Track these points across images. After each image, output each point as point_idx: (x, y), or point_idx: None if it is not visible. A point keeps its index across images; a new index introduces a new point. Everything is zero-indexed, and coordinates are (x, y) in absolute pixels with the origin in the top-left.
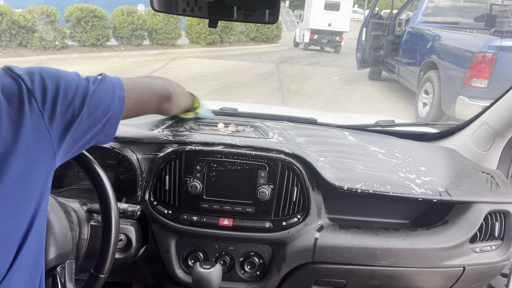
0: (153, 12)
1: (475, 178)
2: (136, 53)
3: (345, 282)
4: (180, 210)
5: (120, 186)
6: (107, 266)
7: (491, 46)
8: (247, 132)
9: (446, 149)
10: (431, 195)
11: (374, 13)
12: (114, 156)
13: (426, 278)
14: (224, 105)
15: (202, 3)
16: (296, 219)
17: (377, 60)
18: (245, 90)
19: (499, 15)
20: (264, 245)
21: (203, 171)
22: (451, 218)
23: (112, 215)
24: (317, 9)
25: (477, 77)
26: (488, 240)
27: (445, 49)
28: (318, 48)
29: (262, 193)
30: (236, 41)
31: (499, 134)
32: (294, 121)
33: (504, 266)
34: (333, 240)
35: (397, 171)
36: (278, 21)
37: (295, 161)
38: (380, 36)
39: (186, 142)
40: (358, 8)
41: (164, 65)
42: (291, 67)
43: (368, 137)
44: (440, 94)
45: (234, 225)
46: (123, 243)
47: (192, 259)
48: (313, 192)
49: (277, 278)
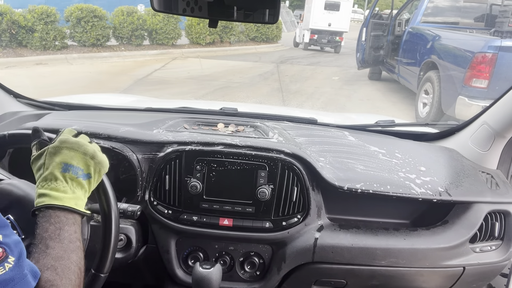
0: (153, 12)
1: (475, 178)
2: (136, 53)
3: (345, 282)
4: (180, 210)
5: (120, 186)
6: (107, 266)
7: (491, 46)
8: (247, 132)
9: (446, 149)
10: (431, 195)
11: (374, 13)
12: (114, 156)
13: (426, 278)
14: (224, 105)
15: (202, 3)
16: (296, 219)
17: (377, 60)
18: (245, 90)
19: (499, 15)
20: (264, 245)
21: (203, 171)
22: (451, 218)
23: (112, 215)
24: (317, 9)
25: (477, 77)
26: (488, 240)
27: (445, 49)
28: (318, 48)
29: (262, 193)
30: (236, 41)
31: (499, 134)
32: (294, 121)
33: (504, 266)
34: (333, 240)
35: (397, 171)
36: (278, 21)
37: (295, 161)
38: (380, 36)
39: (186, 142)
40: (358, 8)
41: (164, 65)
42: (291, 67)
43: (368, 137)
44: (440, 94)
45: (234, 225)
46: (123, 243)
47: (192, 259)
48: (313, 192)
49: (277, 278)
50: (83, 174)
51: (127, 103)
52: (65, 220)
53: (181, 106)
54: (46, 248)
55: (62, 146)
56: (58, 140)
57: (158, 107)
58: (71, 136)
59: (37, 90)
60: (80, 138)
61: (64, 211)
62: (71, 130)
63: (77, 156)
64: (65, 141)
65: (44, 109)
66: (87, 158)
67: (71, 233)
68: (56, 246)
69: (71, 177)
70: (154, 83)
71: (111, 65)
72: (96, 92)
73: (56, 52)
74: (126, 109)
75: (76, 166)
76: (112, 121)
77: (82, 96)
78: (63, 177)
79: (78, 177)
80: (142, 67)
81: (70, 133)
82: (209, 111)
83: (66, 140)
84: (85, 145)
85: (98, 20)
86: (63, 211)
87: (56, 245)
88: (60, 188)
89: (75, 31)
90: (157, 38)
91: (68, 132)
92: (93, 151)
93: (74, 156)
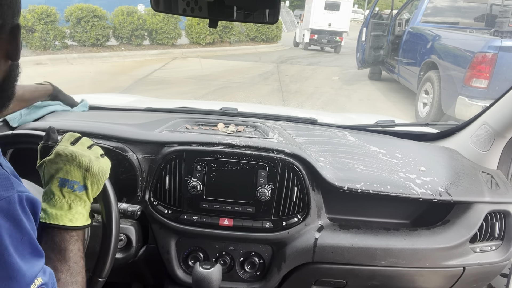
0: (153, 12)
1: (475, 178)
2: (136, 53)
3: (345, 282)
4: (180, 210)
5: (120, 186)
6: (106, 270)
7: (491, 46)
8: (247, 132)
9: (446, 149)
10: (431, 195)
11: (374, 13)
12: (114, 156)
13: (426, 278)
14: (224, 105)
15: (202, 3)
16: (296, 219)
17: (377, 60)
18: (245, 90)
19: (499, 15)
20: (264, 245)
21: (203, 171)
22: (451, 218)
23: (113, 215)
24: (317, 9)
25: (477, 77)
26: (488, 240)
27: (445, 49)
28: (318, 48)
29: (262, 193)
30: (236, 41)
31: (499, 134)
32: (294, 121)
33: (504, 266)
34: (333, 240)
35: (397, 171)
36: (278, 21)
37: (295, 161)
38: (380, 36)
39: (186, 142)
40: (358, 8)
41: (164, 65)
42: (291, 67)
43: (368, 137)
44: (440, 94)
45: (234, 225)
46: (123, 243)
47: (192, 259)
48: (313, 192)
49: (277, 278)
50: (80, 187)
51: (127, 103)
52: (68, 238)
53: (181, 106)
54: (56, 271)
55: (57, 160)
56: (54, 152)
57: (158, 107)
58: (68, 145)
59: None
60: (78, 146)
61: (66, 229)
62: (72, 134)
63: (72, 169)
64: (60, 154)
65: None
66: (82, 170)
67: (75, 253)
68: (63, 269)
69: (68, 191)
70: (154, 83)
71: (111, 65)
72: (96, 92)
73: (56, 52)
74: (126, 109)
75: (71, 180)
76: (112, 121)
77: (82, 96)
78: (60, 192)
79: (74, 191)
80: (142, 67)
81: (70, 138)
82: (209, 111)
83: (61, 153)
84: (79, 157)
85: (98, 20)
86: (65, 230)
87: (63, 268)
88: (57, 204)
89: (75, 31)
90: (157, 38)
91: (68, 138)
92: (88, 162)
93: (69, 170)
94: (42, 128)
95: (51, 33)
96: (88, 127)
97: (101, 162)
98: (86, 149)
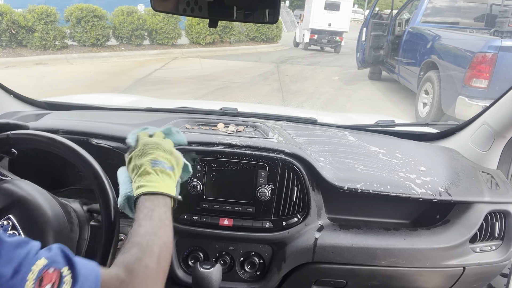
0: (153, 12)
1: (475, 178)
2: (136, 53)
3: (345, 282)
4: (180, 210)
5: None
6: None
7: (491, 46)
8: (247, 132)
9: (446, 149)
10: (431, 195)
11: (374, 13)
12: (114, 156)
13: (426, 278)
14: (224, 105)
15: (202, 3)
16: (296, 219)
17: (377, 60)
18: (245, 90)
19: (499, 15)
20: (264, 245)
21: (203, 171)
22: (451, 218)
23: (113, 215)
24: (317, 9)
25: (477, 77)
26: (488, 240)
27: (445, 49)
28: (318, 48)
29: (262, 193)
30: (236, 41)
31: (499, 134)
32: (294, 121)
33: (504, 266)
34: (333, 240)
35: (397, 171)
36: (278, 21)
37: (295, 161)
38: (380, 36)
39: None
40: (358, 8)
41: (164, 65)
42: (291, 67)
43: (368, 137)
44: (440, 94)
45: (234, 225)
46: (123, 243)
47: (192, 259)
48: (313, 192)
49: (277, 278)
50: (169, 167)
51: (127, 103)
52: (157, 202)
53: (181, 106)
54: (139, 226)
55: (146, 147)
56: (141, 143)
57: (158, 107)
58: (148, 137)
59: (37, 90)
60: (156, 138)
61: (157, 196)
62: (146, 132)
63: (160, 153)
64: (147, 143)
65: (44, 109)
66: (167, 154)
67: (161, 214)
68: (146, 224)
69: (161, 170)
70: (154, 83)
71: (111, 65)
72: (96, 92)
73: (56, 52)
74: (126, 109)
75: (161, 161)
76: (112, 121)
77: (82, 96)
78: (154, 171)
79: (165, 169)
80: (142, 67)
81: (146, 135)
82: (209, 111)
83: (147, 142)
84: (162, 143)
85: (98, 20)
86: (156, 196)
87: (146, 223)
88: (153, 179)
89: (75, 31)
90: (157, 38)
91: (145, 135)
92: (170, 147)
93: (158, 153)
94: (42, 128)
95: (51, 33)
96: (88, 127)
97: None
98: (163, 139)
